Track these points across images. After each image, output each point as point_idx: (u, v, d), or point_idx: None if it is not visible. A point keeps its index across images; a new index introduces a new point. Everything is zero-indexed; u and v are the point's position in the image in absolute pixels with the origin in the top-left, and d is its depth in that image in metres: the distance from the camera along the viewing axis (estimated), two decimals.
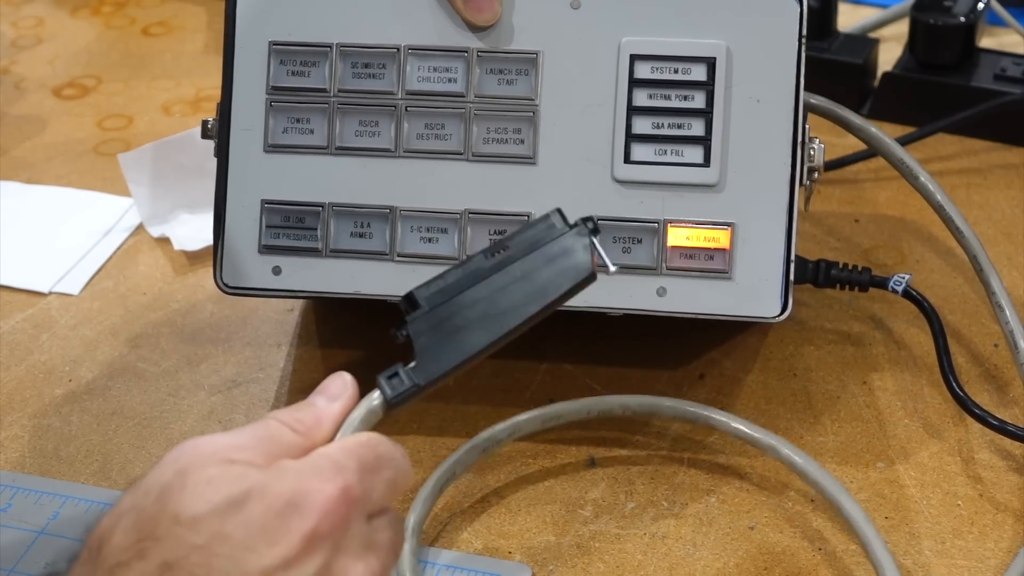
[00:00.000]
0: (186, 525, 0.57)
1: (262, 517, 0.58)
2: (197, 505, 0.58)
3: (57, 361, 0.94)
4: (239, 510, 0.58)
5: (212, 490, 0.58)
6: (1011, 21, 1.13)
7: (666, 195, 0.82)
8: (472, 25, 0.83)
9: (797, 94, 0.82)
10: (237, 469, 0.59)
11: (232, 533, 0.57)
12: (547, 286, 0.66)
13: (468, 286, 0.66)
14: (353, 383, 0.65)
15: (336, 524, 0.59)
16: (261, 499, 0.58)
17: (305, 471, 0.60)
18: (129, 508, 0.59)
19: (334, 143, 0.84)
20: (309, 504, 0.58)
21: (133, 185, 1.04)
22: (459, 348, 0.65)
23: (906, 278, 0.88)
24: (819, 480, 0.80)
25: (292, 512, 0.58)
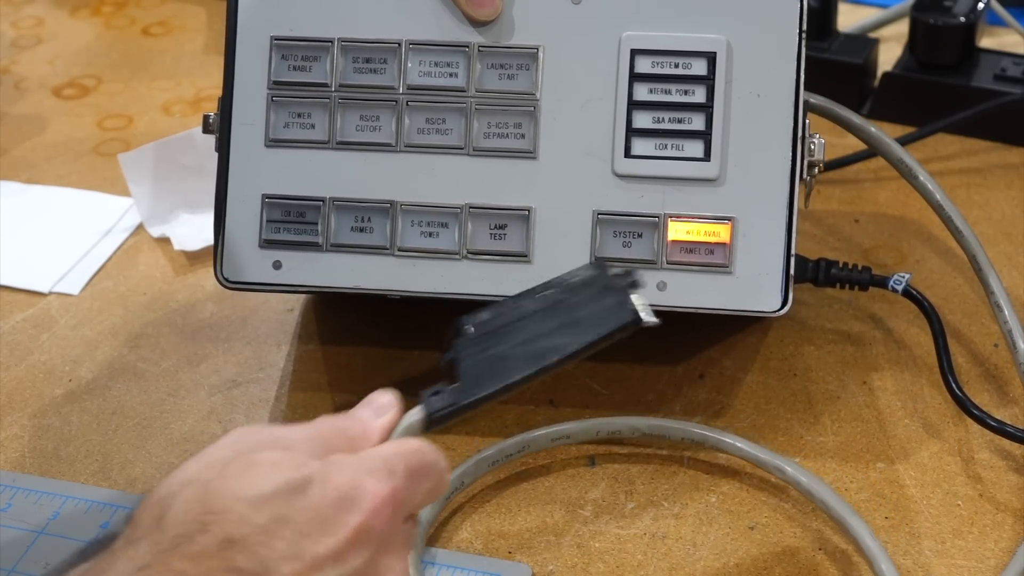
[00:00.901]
0: (249, 503, 0.59)
1: (319, 505, 0.59)
2: (261, 485, 0.59)
3: (57, 361, 0.94)
4: (300, 495, 0.59)
5: (276, 472, 0.60)
6: (1011, 21, 1.13)
7: (666, 189, 0.82)
8: (473, 20, 0.83)
9: (797, 89, 0.82)
10: (298, 457, 0.61)
11: (292, 517, 0.59)
12: (587, 330, 0.68)
13: (514, 320, 0.68)
14: (399, 400, 0.67)
15: (383, 523, 0.60)
16: (320, 487, 0.60)
17: (360, 468, 0.61)
18: (192, 480, 0.60)
19: (335, 138, 0.84)
20: (362, 500, 0.60)
21: (133, 185, 1.04)
22: (500, 375, 0.67)
23: (906, 277, 0.88)
24: (835, 508, 0.80)
25: (347, 505, 0.60)
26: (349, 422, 0.65)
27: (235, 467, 0.60)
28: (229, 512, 0.59)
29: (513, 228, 0.83)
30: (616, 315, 0.68)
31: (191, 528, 0.58)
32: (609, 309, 0.68)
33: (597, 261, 0.69)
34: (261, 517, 0.59)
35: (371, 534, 0.60)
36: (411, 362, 0.92)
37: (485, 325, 0.68)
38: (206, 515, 0.59)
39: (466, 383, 0.67)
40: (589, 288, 0.69)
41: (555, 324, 0.68)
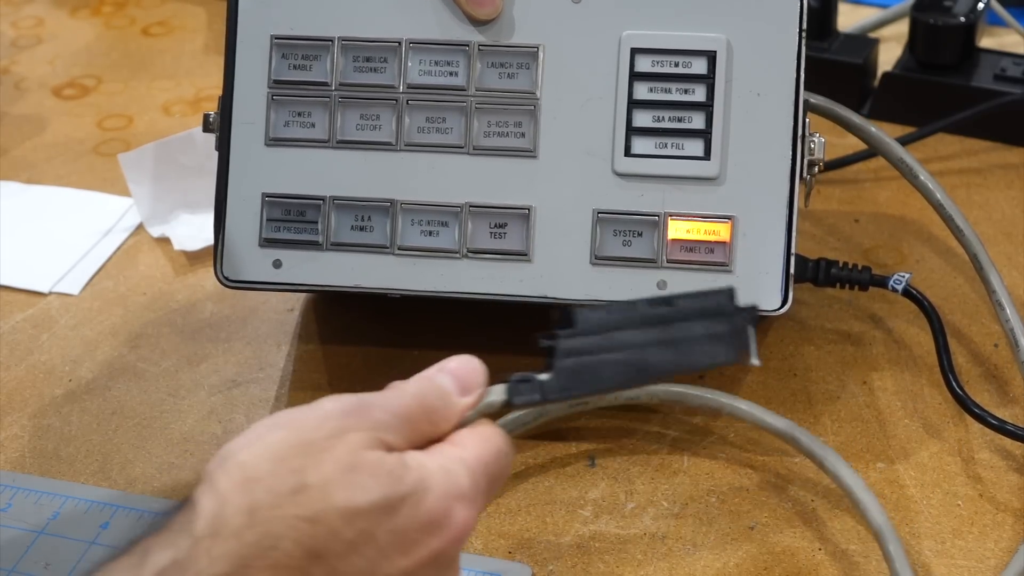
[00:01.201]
0: (343, 517, 0.58)
1: (407, 528, 0.59)
2: (360, 497, 0.58)
3: (57, 361, 0.94)
4: (392, 515, 0.59)
5: (377, 484, 0.59)
6: (1011, 21, 1.13)
7: (666, 188, 0.82)
8: (473, 19, 0.83)
9: (797, 88, 0.82)
10: (395, 464, 0.59)
11: (378, 536, 0.58)
12: (692, 355, 0.65)
13: (623, 327, 0.65)
14: (486, 376, 0.65)
15: (458, 547, 0.61)
16: (412, 509, 0.59)
17: (451, 491, 0.60)
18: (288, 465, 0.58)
19: (335, 136, 0.84)
20: (448, 527, 0.60)
21: (133, 185, 1.04)
22: (593, 380, 0.65)
23: (906, 277, 0.88)
24: (836, 470, 0.79)
25: (433, 530, 0.60)
26: (436, 401, 0.63)
27: (334, 463, 0.59)
28: (322, 522, 0.58)
29: (513, 227, 0.83)
30: (725, 349, 0.66)
31: (281, 529, 0.57)
32: (719, 339, 0.66)
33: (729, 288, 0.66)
34: (350, 532, 0.58)
35: (444, 557, 0.60)
36: (411, 361, 0.92)
37: (594, 325, 0.66)
38: (299, 521, 0.57)
39: (557, 379, 0.65)
40: (707, 313, 0.66)
41: (661, 339, 0.66)
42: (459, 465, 0.62)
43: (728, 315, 0.66)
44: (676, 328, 0.66)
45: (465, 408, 0.64)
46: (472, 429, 0.64)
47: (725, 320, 0.66)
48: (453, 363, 0.65)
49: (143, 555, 0.57)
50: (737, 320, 0.66)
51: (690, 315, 0.66)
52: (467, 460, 0.62)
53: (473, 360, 0.65)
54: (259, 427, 0.60)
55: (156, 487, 0.85)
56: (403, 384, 0.63)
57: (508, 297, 0.83)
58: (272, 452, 0.59)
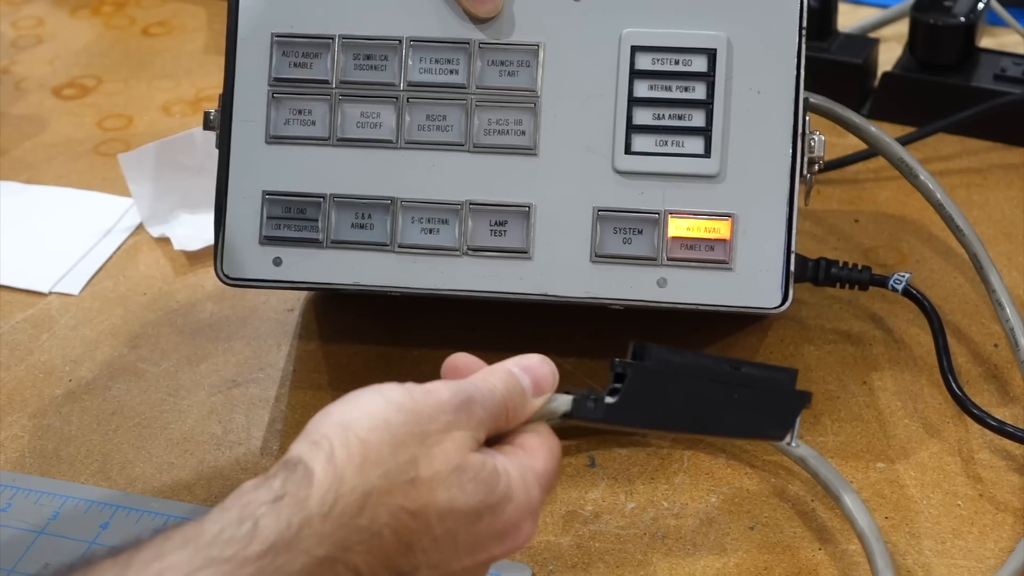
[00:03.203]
0: (439, 516, 0.61)
1: (485, 534, 0.62)
2: (460, 501, 0.61)
3: (57, 361, 0.94)
4: (477, 521, 0.62)
5: (473, 491, 0.62)
6: (1011, 21, 1.13)
7: (667, 186, 0.82)
8: (474, 17, 0.83)
9: (797, 86, 0.82)
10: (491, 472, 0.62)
11: (460, 537, 0.62)
12: (744, 424, 0.71)
13: (693, 376, 0.69)
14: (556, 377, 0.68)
15: (517, 549, 0.64)
16: (493, 518, 0.62)
17: (526, 505, 0.63)
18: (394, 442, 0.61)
19: (336, 134, 0.84)
20: (515, 539, 0.63)
21: (133, 185, 1.04)
22: (655, 418, 0.69)
23: (906, 277, 0.88)
24: (824, 474, 0.80)
25: (503, 539, 0.63)
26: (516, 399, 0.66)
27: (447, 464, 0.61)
28: (422, 518, 0.60)
29: (513, 224, 0.83)
30: (774, 427, 0.71)
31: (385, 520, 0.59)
32: (772, 416, 0.71)
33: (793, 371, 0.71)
34: (440, 529, 0.61)
35: (496, 561, 0.63)
36: (412, 360, 0.92)
37: (667, 363, 0.68)
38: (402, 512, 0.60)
39: (622, 406, 0.67)
40: (770, 388, 0.71)
41: (723, 400, 0.69)
42: (533, 478, 0.64)
43: (786, 395, 0.71)
44: (737, 391, 0.69)
45: (535, 409, 0.67)
46: (540, 437, 0.66)
47: (781, 399, 0.71)
48: (532, 361, 0.67)
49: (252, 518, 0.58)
50: (793, 403, 0.71)
51: (753, 383, 0.70)
52: (538, 473, 0.65)
53: (548, 362, 0.68)
54: (376, 399, 0.62)
55: (156, 487, 0.85)
56: (493, 378, 0.66)
57: (508, 295, 0.83)
58: (392, 436, 0.61)
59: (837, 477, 0.80)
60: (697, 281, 0.82)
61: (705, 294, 0.82)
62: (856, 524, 0.78)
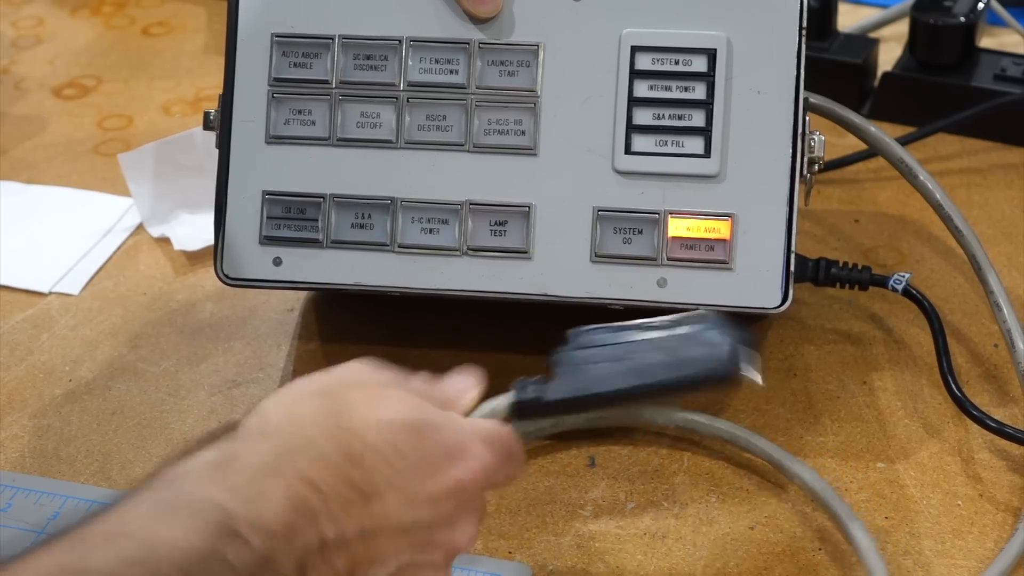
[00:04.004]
0: (376, 429, 0.63)
1: (432, 450, 0.64)
2: (390, 416, 0.63)
3: (57, 361, 0.94)
4: (418, 435, 0.64)
5: (403, 408, 0.64)
6: (1011, 21, 1.13)
7: (667, 186, 0.82)
8: (473, 17, 0.83)
9: (797, 86, 0.82)
10: (418, 400, 0.66)
11: (407, 453, 0.63)
12: (686, 365, 0.70)
13: (620, 343, 0.71)
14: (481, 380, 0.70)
15: (475, 487, 0.65)
16: (435, 434, 0.64)
17: (472, 431, 0.66)
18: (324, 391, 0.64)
19: (335, 134, 0.84)
20: (469, 459, 0.65)
21: (133, 185, 1.04)
22: (591, 384, 0.70)
23: (906, 277, 0.88)
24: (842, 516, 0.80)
25: (455, 459, 0.64)
26: (441, 390, 0.69)
27: (367, 393, 0.64)
28: (356, 431, 0.62)
29: (513, 224, 0.83)
30: (715, 362, 0.70)
31: (319, 434, 0.61)
32: (712, 355, 0.70)
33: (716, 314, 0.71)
34: (383, 444, 0.62)
35: (463, 493, 0.64)
36: (412, 360, 0.91)
37: (591, 340, 0.71)
38: (336, 429, 0.62)
39: (558, 383, 0.70)
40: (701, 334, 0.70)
41: (657, 356, 0.70)
42: (476, 422, 0.67)
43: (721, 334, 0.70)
44: (672, 346, 0.70)
45: (465, 407, 0.69)
46: (485, 420, 0.69)
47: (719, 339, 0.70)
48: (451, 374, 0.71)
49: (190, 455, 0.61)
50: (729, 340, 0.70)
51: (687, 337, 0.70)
52: (483, 423, 0.68)
53: (469, 371, 0.70)
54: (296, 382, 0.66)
55: None
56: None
57: (508, 295, 0.83)
58: (309, 386, 0.65)
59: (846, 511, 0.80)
60: (697, 281, 0.82)
61: (705, 294, 0.82)
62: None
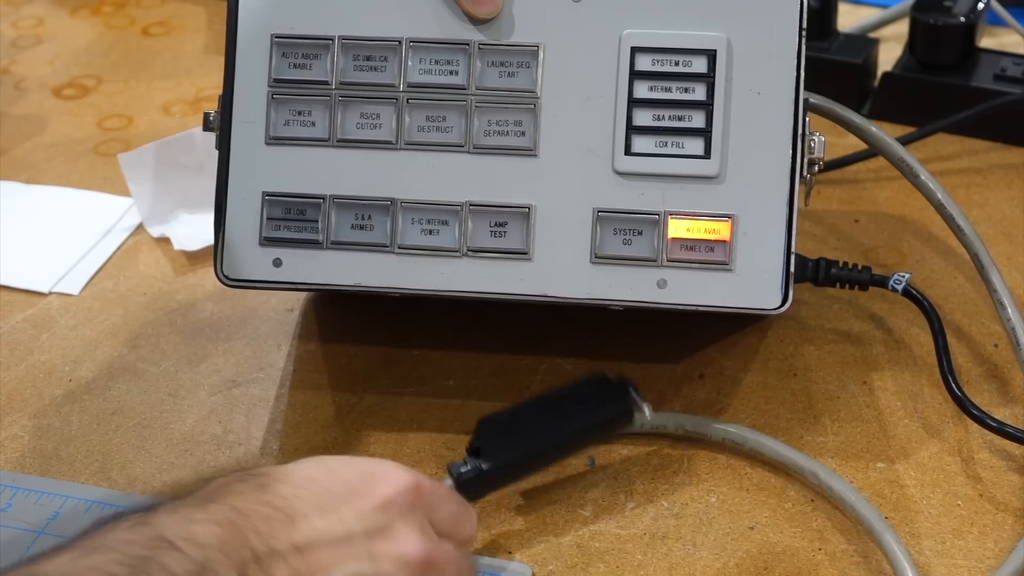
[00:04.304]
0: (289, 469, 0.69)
1: (350, 478, 0.69)
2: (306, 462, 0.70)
3: (57, 361, 0.94)
4: (334, 471, 0.69)
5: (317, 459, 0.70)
6: (1011, 21, 1.13)
7: (667, 187, 0.82)
8: (473, 18, 0.83)
9: (798, 87, 0.82)
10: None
11: (325, 481, 0.68)
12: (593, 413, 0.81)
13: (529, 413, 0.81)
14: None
15: (406, 501, 0.69)
16: (351, 465, 0.70)
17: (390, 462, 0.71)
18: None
19: (335, 135, 0.84)
20: (389, 481, 0.69)
21: (133, 185, 1.04)
22: (518, 447, 0.79)
23: (906, 277, 0.88)
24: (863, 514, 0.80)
25: (375, 481, 0.69)
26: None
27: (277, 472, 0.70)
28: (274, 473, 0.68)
29: (513, 225, 0.83)
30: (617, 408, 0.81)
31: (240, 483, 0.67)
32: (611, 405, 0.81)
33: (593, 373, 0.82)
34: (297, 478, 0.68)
35: (392, 507, 0.68)
36: (411, 361, 0.92)
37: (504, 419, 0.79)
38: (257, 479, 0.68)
39: (488, 455, 0.77)
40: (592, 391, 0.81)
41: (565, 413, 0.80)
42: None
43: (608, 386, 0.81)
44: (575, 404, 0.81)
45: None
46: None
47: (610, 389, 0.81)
48: None
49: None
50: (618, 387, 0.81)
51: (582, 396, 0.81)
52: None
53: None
54: None
55: (156, 487, 0.85)
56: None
57: (508, 296, 0.83)
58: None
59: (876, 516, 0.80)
60: (697, 282, 0.82)
61: (705, 295, 0.82)
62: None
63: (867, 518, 0.79)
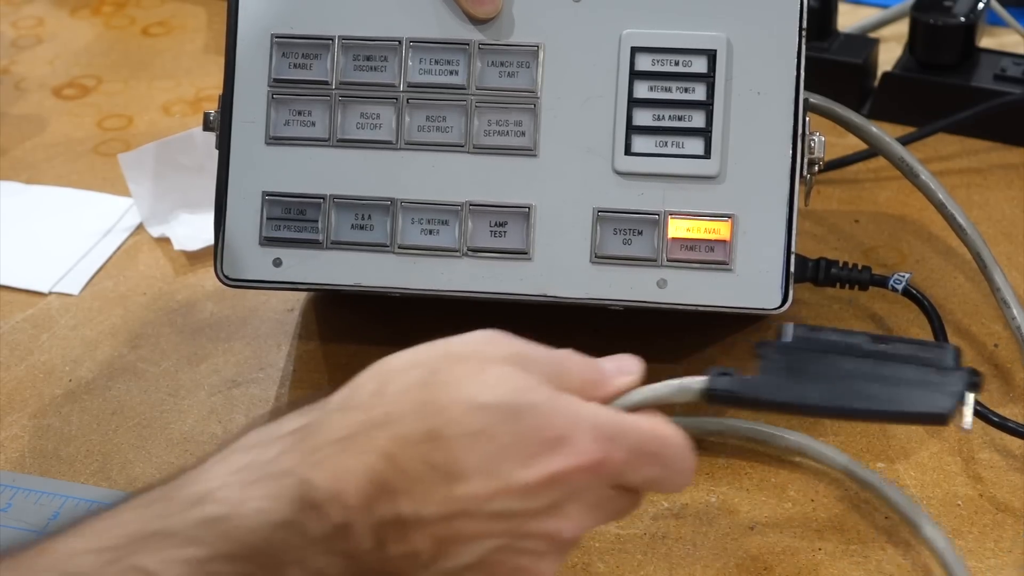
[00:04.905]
0: (465, 408, 0.60)
1: (529, 436, 0.60)
2: (484, 395, 0.60)
3: (57, 361, 0.94)
4: (515, 419, 0.60)
5: (502, 388, 0.60)
6: (1011, 21, 1.13)
7: (667, 187, 0.82)
8: (473, 18, 0.83)
9: (797, 87, 0.82)
10: (531, 379, 0.61)
11: (499, 436, 0.59)
12: (900, 398, 0.64)
13: (840, 351, 0.65)
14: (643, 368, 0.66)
15: (579, 482, 0.60)
16: (535, 419, 0.60)
17: (586, 420, 0.61)
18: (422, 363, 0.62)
19: (335, 135, 0.84)
20: (570, 453, 0.60)
21: (133, 185, 1.04)
22: (794, 391, 0.65)
23: (906, 277, 0.88)
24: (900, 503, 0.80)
25: (554, 449, 0.60)
26: (590, 367, 0.64)
27: (467, 368, 0.61)
28: (444, 409, 0.59)
29: (513, 225, 0.83)
30: (936, 400, 0.64)
31: (405, 409, 0.60)
32: (934, 391, 0.64)
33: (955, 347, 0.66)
34: (471, 425, 0.59)
35: (562, 485, 0.60)
36: None
37: (810, 343, 0.66)
38: (423, 404, 0.60)
39: (759, 381, 0.65)
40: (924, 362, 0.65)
41: (875, 375, 0.65)
42: (608, 413, 0.62)
43: (946, 370, 0.64)
44: (894, 368, 0.65)
45: (618, 388, 0.64)
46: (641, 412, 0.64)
47: (941, 374, 0.64)
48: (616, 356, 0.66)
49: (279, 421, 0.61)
50: (954, 377, 0.64)
51: (908, 359, 0.65)
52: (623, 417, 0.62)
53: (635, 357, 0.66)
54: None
55: None
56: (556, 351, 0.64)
57: (508, 296, 0.83)
58: (413, 356, 0.63)
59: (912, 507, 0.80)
60: (697, 282, 0.82)
61: (705, 295, 0.82)
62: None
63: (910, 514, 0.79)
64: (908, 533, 0.80)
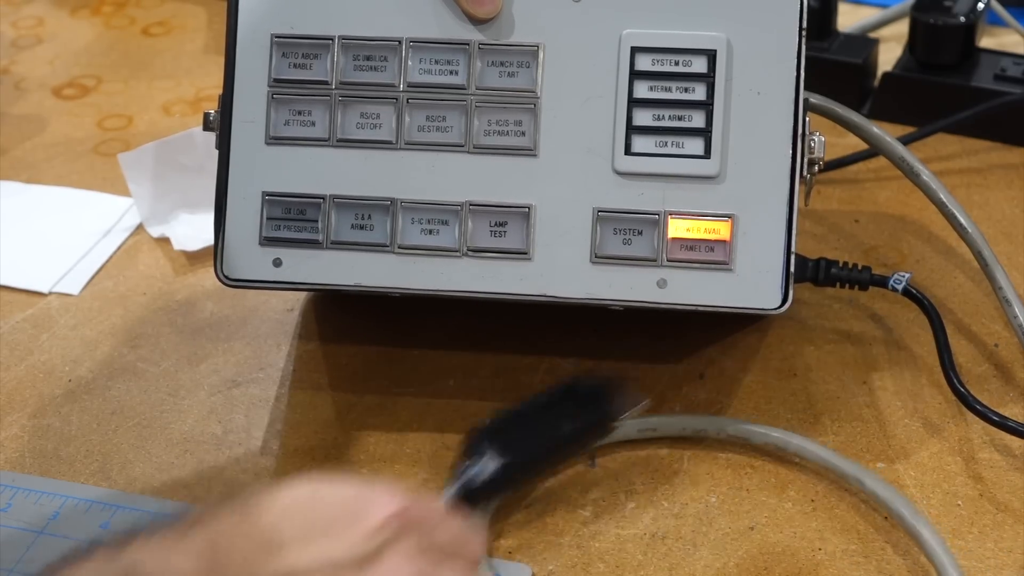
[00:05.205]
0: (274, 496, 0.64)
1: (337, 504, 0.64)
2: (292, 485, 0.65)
3: (57, 361, 0.94)
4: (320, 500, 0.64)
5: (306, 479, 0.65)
6: (1011, 21, 1.13)
7: (667, 187, 0.82)
8: (473, 18, 0.83)
9: (797, 87, 0.82)
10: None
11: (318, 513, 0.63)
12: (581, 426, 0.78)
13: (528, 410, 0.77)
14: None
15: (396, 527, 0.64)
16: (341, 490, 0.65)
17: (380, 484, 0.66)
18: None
19: (335, 135, 0.84)
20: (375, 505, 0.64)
21: (133, 185, 1.04)
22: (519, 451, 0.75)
23: (906, 276, 0.88)
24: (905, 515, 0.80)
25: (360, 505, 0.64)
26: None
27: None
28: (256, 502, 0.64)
29: (513, 225, 0.83)
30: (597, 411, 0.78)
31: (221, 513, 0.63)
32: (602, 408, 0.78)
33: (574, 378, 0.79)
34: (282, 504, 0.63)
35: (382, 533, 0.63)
36: (411, 361, 0.92)
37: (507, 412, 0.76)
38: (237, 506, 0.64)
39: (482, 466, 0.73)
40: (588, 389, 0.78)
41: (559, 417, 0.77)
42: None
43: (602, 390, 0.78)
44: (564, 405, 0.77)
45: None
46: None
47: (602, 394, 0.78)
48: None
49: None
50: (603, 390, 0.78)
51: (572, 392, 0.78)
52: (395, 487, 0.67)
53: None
54: None
55: (156, 487, 0.85)
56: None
57: (508, 296, 0.83)
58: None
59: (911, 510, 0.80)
60: (697, 282, 0.82)
61: (705, 295, 0.82)
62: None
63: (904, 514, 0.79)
64: (908, 533, 0.80)
